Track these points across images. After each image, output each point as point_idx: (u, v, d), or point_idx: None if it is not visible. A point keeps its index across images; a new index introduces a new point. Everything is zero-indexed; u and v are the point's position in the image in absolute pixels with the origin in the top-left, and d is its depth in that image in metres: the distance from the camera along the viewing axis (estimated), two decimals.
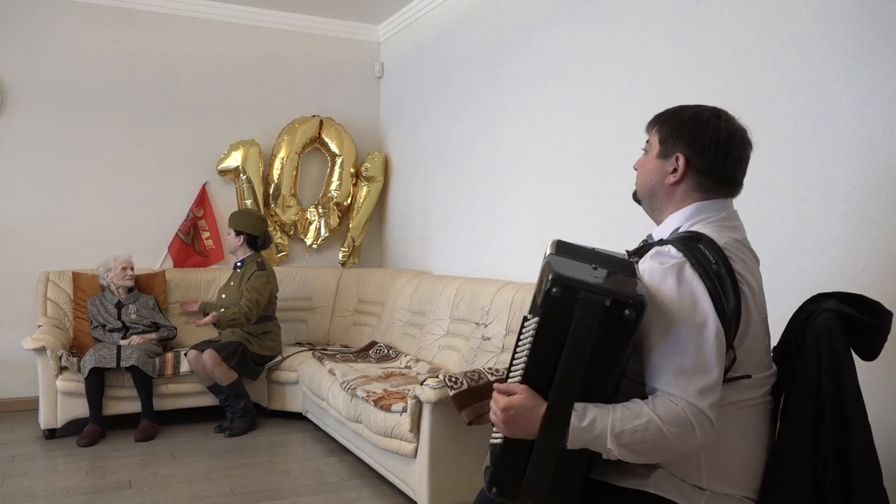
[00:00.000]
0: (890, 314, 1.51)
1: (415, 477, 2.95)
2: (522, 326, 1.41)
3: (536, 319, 1.36)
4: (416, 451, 2.94)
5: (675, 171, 1.56)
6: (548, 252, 1.47)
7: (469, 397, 2.79)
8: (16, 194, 4.76)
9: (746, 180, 1.86)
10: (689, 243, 1.46)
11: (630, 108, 3.14)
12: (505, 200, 4.09)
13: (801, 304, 1.65)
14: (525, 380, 1.40)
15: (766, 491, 1.50)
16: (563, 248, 1.48)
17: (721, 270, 1.42)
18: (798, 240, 2.37)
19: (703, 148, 1.54)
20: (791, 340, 1.61)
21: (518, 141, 3.96)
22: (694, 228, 1.53)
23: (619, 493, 1.49)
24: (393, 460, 3.13)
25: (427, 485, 2.86)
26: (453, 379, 2.82)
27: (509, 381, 1.44)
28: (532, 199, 3.84)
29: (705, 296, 1.39)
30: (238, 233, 4.47)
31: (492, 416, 1.44)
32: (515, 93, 3.99)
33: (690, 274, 1.41)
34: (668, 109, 1.64)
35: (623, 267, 1.45)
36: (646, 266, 1.46)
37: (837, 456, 1.44)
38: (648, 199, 1.64)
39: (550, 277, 1.33)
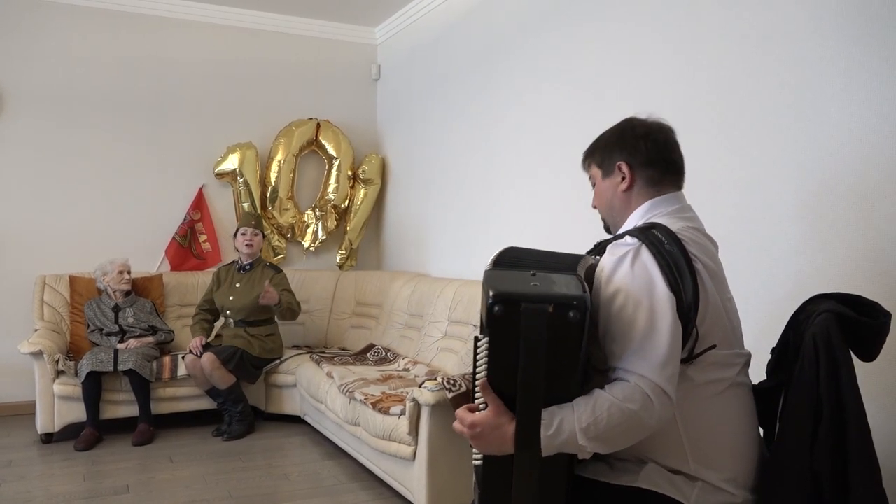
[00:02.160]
0: (888, 315, 1.51)
1: (413, 480, 2.95)
2: (476, 347, 1.40)
3: (487, 340, 1.35)
4: (415, 453, 2.93)
5: (623, 178, 1.66)
6: (486, 267, 1.46)
7: (467, 400, 2.77)
8: (12, 198, 4.74)
9: (744, 179, 1.87)
10: (644, 230, 1.51)
11: (627, 109, 3.13)
12: (502, 201, 4.09)
13: (799, 305, 1.65)
14: None
15: (765, 492, 1.50)
16: (500, 260, 1.47)
17: (674, 250, 1.46)
18: (795, 241, 2.37)
19: (634, 147, 1.65)
20: (790, 341, 1.62)
21: (515, 142, 3.96)
22: (650, 221, 1.58)
23: (612, 490, 1.49)
24: (391, 463, 3.12)
25: (426, 487, 2.85)
26: (451, 381, 2.82)
27: (475, 401, 1.44)
28: (529, 199, 3.84)
29: (658, 274, 1.43)
30: (263, 235, 4.62)
31: (461, 430, 1.43)
32: (512, 94, 3.99)
33: (645, 255, 1.45)
34: (591, 143, 1.77)
35: (564, 265, 1.44)
36: (605, 259, 1.50)
37: (836, 457, 1.44)
38: (612, 216, 1.73)
39: (490, 294, 1.31)
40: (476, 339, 1.41)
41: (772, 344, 1.69)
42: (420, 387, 2.88)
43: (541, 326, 1.29)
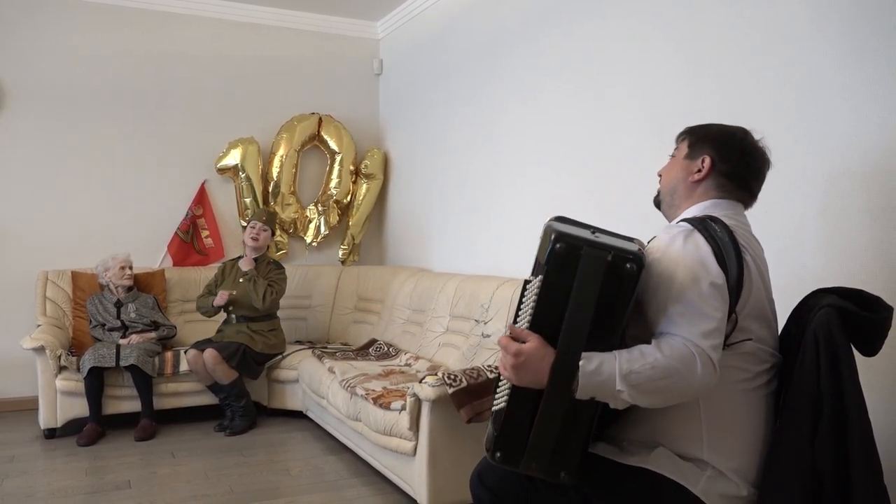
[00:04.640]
0: (890, 309, 1.51)
1: (414, 475, 2.95)
2: (524, 289, 1.48)
3: (540, 277, 1.42)
4: (416, 449, 2.93)
5: (699, 170, 1.68)
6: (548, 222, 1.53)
7: (468, 395, 2.78)
8: (15, 194, 4.75)
9: None
10: (699, 220, 1.56)
11: (629, 106, 3.13)
12: (504, 196, 4.08)
13: (800, 299, 1.64)
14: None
15: (766, 487, 1.50)
16: (562, 218, 1.57)
17: (725, 238, 1.50)
18: (798, 235, 2.36)
19: (729, 153, 1.67)
20: (791, 335, 1.61)
21: (517, 137, 3.95)
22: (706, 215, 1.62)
23: (620, 469, 1.52)
24: (392, 458, 3.12)
25: (426, 483, 2.85)
26: (452, 377, 2.81)
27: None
28: (531, 194, 3.83)
29: (709, 252, 1.47)
30: (273, 232, 4.61)
31: (500, 363, 1.47)
32: (514, 88, 3.97)
33: (697, 236, 1.50)
34: (700, 124, 1.78)
35: (620, 235, 1.52)
36: (658, 237, 1.54)
37: (837, 453, 1.44)
38: (669, 195, 1.75)
39: (553, 236, 1.39)
40: (526, 282, 1.48)
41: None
42: (421, 382, 2.88)
43: (597, 271, 1.37)
